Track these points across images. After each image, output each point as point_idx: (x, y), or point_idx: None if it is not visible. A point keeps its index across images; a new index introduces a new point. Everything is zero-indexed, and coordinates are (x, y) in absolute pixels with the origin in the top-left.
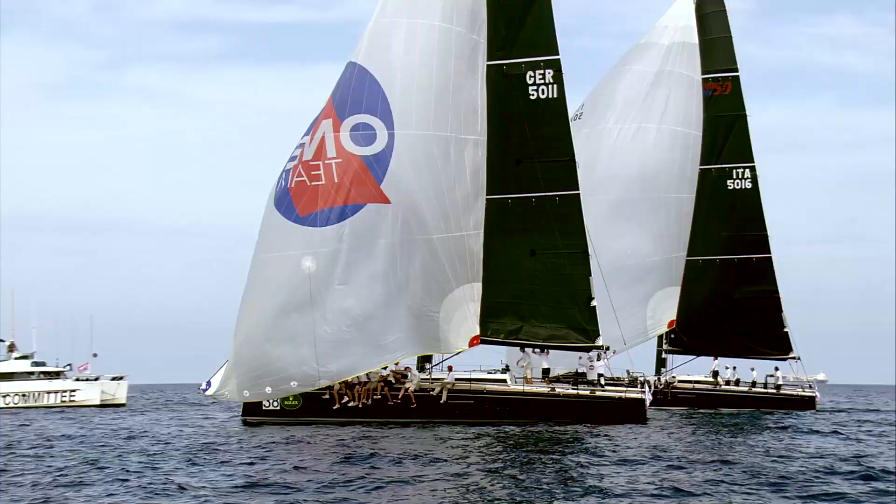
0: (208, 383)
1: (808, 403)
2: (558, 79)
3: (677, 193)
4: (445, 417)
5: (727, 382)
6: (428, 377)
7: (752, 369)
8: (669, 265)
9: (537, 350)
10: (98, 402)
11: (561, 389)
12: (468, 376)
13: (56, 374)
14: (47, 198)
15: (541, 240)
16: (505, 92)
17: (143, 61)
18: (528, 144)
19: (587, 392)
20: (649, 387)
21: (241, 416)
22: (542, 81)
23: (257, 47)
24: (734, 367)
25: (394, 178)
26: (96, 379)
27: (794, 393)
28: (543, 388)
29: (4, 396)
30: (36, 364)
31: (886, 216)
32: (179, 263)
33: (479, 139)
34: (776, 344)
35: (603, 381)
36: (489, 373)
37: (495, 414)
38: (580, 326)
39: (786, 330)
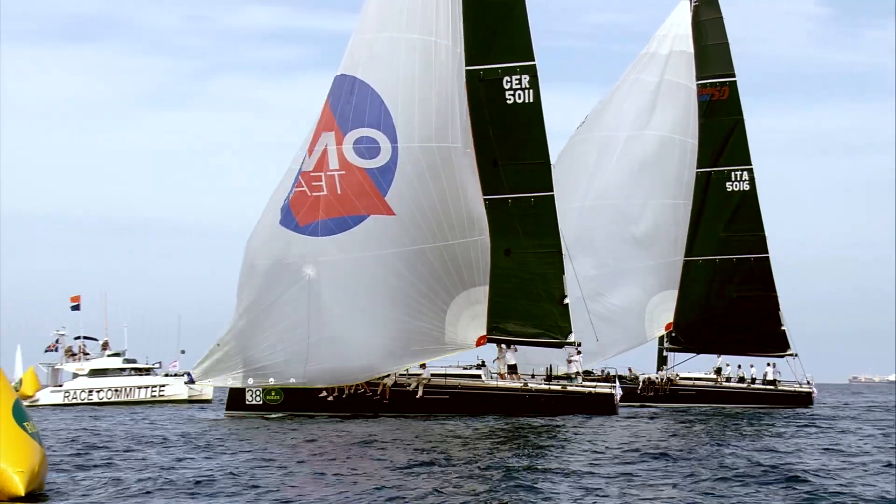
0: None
1: (805, 400)
2: (534, 84)
3: (674, 199)
4: (421, 412)
5: (728, 379)
6: (405, 372)
7: (752, 366)
8: (667, 269)
9: (503, 346)
10: (186, 398)
11: (533, 385)
12: (443, 372)
13: (146, 371)
14: (137, 202)
15: (516, 240)
16: (482, 96)
17: (229, 70)
18: (505, 147)
19: (559, 387)
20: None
21: (225, 409)
22: (519, 86)
23: (340, 56)
24: (738, 366)
25: (398, 190)
26: (184, 375)
27: (792, 389)
28: (516, 384)
29: (98, 392)
30: (127, 361)
31: None
32: None
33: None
34: (774, 342)
35: (580, 379)
36: (464, 368)
37: (470, 408)
38: (554, 324)
39: (783, 328)
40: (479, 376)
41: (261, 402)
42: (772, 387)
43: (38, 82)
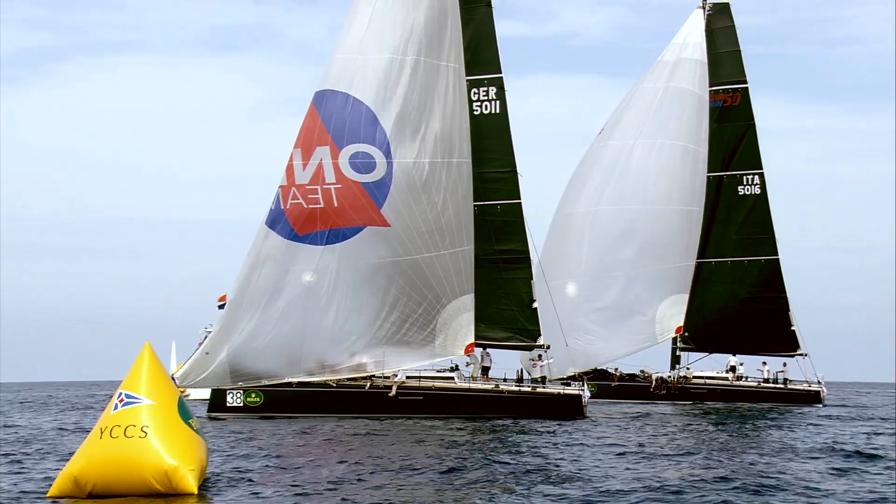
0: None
1: (813, 398)
2: (501, 95)
3: (689, 206)
4: (395, 412)
5: (739, 378)
6: (380, 374)
7: (764, 363)
8: (678, 274)
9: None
10: None
11: (504, 387)
12: (418, 374)
13: None
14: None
15: (484, 246)
16: None
17: None
18: (474, 156)
19: (528, 389)
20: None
21: (207, 411)
22: (486, 98)
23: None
24: (741, 363)
25: (393, 203)
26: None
27: (801, 388)
28: (488, 386)
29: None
30: None
31: None
32: None
33: (468, 161)
34: (784, 341)
35: (546, 382)
36: (438, 371)
37: (442, 409)
38: (522, 327)
39: (793, 328)
40: (452, 378)
41: (241, 404)
42: (781, 385)
43: (192, 91)
